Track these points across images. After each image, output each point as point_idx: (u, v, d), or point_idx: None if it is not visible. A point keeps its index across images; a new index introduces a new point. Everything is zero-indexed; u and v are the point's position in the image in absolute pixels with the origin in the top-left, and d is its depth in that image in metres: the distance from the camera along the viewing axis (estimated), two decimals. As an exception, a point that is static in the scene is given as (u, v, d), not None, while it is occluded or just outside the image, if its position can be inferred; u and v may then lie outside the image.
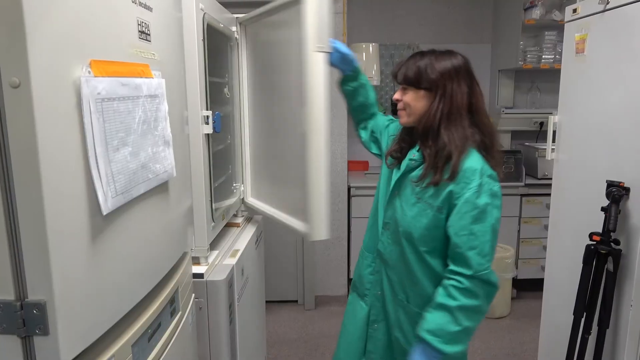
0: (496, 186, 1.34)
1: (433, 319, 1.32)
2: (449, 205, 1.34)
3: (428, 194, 1.37)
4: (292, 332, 3.14)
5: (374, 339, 1.58)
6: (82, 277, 0.82)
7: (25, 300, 0.74)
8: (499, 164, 1.39)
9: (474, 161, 1.33)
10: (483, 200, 1.30)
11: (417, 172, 1.41)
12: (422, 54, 1.41)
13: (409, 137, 1.49)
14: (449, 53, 1.40)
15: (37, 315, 0.74)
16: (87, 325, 0.83)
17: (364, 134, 1.73)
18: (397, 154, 1.50)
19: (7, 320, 0.74)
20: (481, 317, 1.34)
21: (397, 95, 1.44)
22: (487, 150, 1.38)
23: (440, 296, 1.32)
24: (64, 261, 0.76)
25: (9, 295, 0.74)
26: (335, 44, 1.53)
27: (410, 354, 1.37)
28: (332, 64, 1.56)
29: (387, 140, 1.63)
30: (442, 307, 1.31)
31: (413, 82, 1.38)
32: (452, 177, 1.32)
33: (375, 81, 3.47)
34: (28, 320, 0.74)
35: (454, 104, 1.35)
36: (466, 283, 1.29)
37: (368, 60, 3.43)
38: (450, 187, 1.33)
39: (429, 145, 1.38)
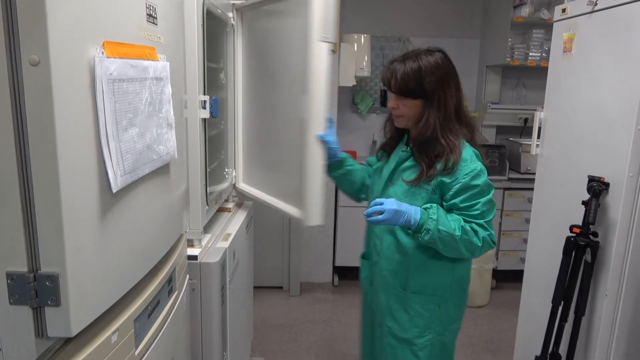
0: (483, 169, 1.43)
1: (448, 218, 1.38)
2: (441, 190, 1.43)
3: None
4: (278, 317, 3.19)
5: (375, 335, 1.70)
6: (92, 252, 0.84)
7: (39, 272, 0.77)
8: (480, 149, 1.49)
9: (465, 153, 1.43)
10: (478, 181, 1.40)
11: (407, 163, 1.50)
12: (411, 58, 1.42)
13: (397, 134, 1.59)
14: (431, 53, 1.42)
15: (49, 287, 0.77)
16: (96, 299, 0.86)
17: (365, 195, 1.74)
18: (388, 148, 1.61)
19: (20, 292, 0.77)
20: (457, 253, 1.42)
21: (392, 104, 1.47)
22: (469, 141, 1.47)
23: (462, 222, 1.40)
24: (76, 235, 0.79)
25: (22, 267, 0.77)
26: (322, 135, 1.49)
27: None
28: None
29: None
30: (461, 226, 1.38)
31: (411, 93, 1.41)
32: (450, 171, 1.40)
33: (366, 72, 3.51)
34: (40, 291, 0.77)
35: (448, 110, 1.42)
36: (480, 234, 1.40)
37: (359, 51, 3.46)
38: (443, 177, 1.41)
39: (427, 152, 1.44)
